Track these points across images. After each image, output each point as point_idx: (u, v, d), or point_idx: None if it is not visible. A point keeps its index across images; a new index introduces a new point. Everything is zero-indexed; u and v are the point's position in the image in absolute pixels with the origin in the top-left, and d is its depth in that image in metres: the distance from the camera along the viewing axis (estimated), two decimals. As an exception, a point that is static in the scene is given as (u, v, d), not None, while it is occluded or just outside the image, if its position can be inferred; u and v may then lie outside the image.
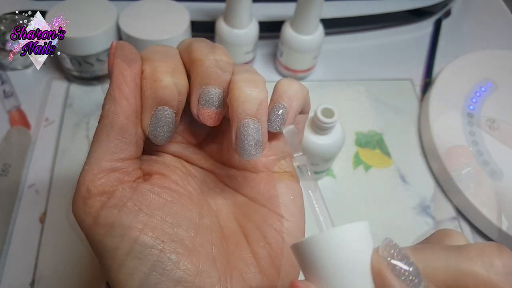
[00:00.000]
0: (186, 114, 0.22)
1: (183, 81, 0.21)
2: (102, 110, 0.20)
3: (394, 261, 0.15)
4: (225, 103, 0.21)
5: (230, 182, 0.24)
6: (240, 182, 0.24)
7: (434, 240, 0.19)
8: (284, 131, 0.20)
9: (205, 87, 0.21)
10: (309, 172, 0.19)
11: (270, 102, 0.22)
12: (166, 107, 0.20)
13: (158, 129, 0.21)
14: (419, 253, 0.16)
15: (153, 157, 0.23)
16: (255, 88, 0.20)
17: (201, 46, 0.21)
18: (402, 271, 0.15)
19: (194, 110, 0.21)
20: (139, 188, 0.20)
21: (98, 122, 0.20)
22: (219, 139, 0.24)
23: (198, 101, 0.21)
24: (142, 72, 0.20)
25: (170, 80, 0.20)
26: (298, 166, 0.19)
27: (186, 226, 0.20)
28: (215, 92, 0.21)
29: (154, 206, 0.20)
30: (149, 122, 0.20)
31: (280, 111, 0.22)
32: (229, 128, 0.23)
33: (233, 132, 0.20)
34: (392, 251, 0.16)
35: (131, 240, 0.19)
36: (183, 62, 0.22)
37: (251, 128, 0.20)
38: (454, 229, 0.16)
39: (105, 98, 0.20)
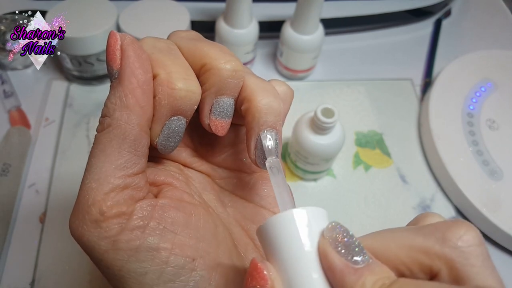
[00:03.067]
0: None
1: (198, 88, 0.19)
2: (107, 116, 0.18)
3: (337, 241, 0.16)
4: (235, 111, 0.21)
5: (225, 185, 0.24)
6: (236, 184, 0.23)
7: (412, 224, 0.18)
8: (265, 144, 0.20)
9: (219, 98, 0.20)
10: (278, 171, 0.19)
11: None
12: (181, 117, 0.19)
13: (170, 139, 0.19)
14: (378, 236, 0.17)
15: (154, 164, 0.22)
16: (274, 98, 0.20)
17: (213, 51, 0.20)
18: (345, 249, 0.15)
19: (206, 120, 0.20)
20: (158, 204, 0.18)
21: (101, 130, 0.18)
22: (215, 141, 0.24)
23: (211, 111, 0.20)
24: (154, 76, 0.19)
25: (188, 88, 0.19)
26: (270, 168, 0.20)
27: (209, 239, 0.19)
28: (229, 103, 0.20)
29: (177, 223, 0.18)
30: (160, 132, 0.19)
31: None
32: (228, 131, 0.22)
33: (252, 142, 0.20)
34: (336, 232, 0.16)
35: (161, 263, 0.17)
36: (189, 62, 0.20)
37: (271, 138, 0.20)
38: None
39: (113, 104, 0.18)
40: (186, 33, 0.22)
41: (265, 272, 0.16)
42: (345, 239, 0.16)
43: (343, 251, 0.15)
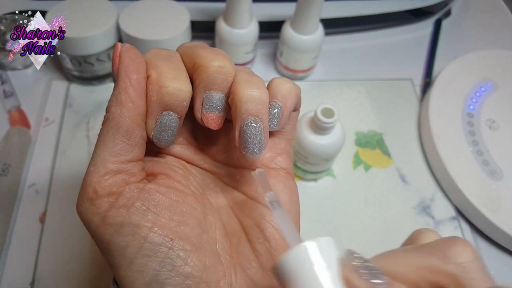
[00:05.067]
0: (187, 116, 0.23)
1: (187, 87, 0.21)
2: (107, 112, 0.21)
3: (357, 266, 0.17)
4: (227, 106, 0.22)
5: (229, 181, 0.25)
6: (238, 180, 0.24)
7: (409, 242, 0.20)
8: (253, 174, 0.21)
9: (208, 92, 0.21)
10: (278, 205, 0.20)
11: None
12: (171, 112, 0.21)
13: (163, 133, 0.21)
14: (385, 259, 0.18)
15: (155, 158, 0.24)
16: (257, 89, 0.21)
17: (205, 52, 0.22)
18: (366, 273, 0.16)
19: (198, 114, 0.22)
20: (146, 188, 0.20)
21: (103, 123, 0.21)
22: (218, 139, 0.25)
23: (202, 105, 0.22)
24: (147, 77, 0.21)
25: (175, 86, 0.21)
26: (270, 202, 0.20)
27: (192, 224, 0.21)
28: (218, 97, 0.21)
29: (161, 206, 0.20)
30: (154, 126, 0.21)
31: (275, 110, 0.22)
32: (229, 128, 0.24)
33: (236, 131, 0.21)
34: (354, 258, 0.17)
35: (140, 238, 0.19)
36: (185, 66, 0.22)
37: (254, 127, 0.21)
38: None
39: (111, 101, 0.20)
40: (191, 43, 0.24)
41: None
42: (364, 264, 0.17)
43: (365, 275, 0.16)
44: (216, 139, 0.25)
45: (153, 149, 0.23)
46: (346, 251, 0.18)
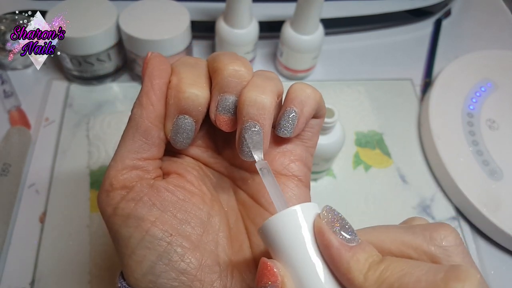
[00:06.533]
0: (207, 120, 0.23)
1: (204, 93, 0.22)
2: (131, 113, 0.22)
3: (332, 222, 0.18)
4: None
5: (242, 185, 0.25)
6: (249, 185, 0.25)
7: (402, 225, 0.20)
8: (245, 136, 0.21)
9: (223, 95, 0.22)
10: (268, 172, 0.21)
11: (281, 107, 0.23)
12: (186, 116, 0.22)
13: (178, 135, 0.22)
14: (374, 230, 0.19)
15: (174, 158, 0.25)
16: (261, 93, 0.21)
17: (225, 57, 0.22)
18: (339, 229, 0.18)
19: (212, 115, 0.22)
20: (155, 185, 0.22)
21: (127, 123, 0.22)
22: (235, 143, 0.24)
23: (216, 107, 0.22)
24: (169, 82, 0.22)
25: (192, 92, 0.21)
26: (260, 169, 0.21)
27: (194, 224, 0.22)
28: (231, 100, 0.22)
29: (166, 203, 0.21)
30: (171, 128, 0.22)
31: (291, 115, 0.22)
32: None
33: (236, 133, 0.22)
34: (330, 214, 0.18)
35: (143, 231, 0.20)
36: (209, 73, 0.23)
37: (252, 131, 0.21)
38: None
39: (135, 103, 0.22)
40: (221, 51, 0.24)
41: (275, 270, 0.17)
42: (339, 221, 0.18)
43: (337, 230, 0.18)
44: (233, 143, 0.24)
45: (173, 150, 0.24)
46: (325, 206, 0.19)
